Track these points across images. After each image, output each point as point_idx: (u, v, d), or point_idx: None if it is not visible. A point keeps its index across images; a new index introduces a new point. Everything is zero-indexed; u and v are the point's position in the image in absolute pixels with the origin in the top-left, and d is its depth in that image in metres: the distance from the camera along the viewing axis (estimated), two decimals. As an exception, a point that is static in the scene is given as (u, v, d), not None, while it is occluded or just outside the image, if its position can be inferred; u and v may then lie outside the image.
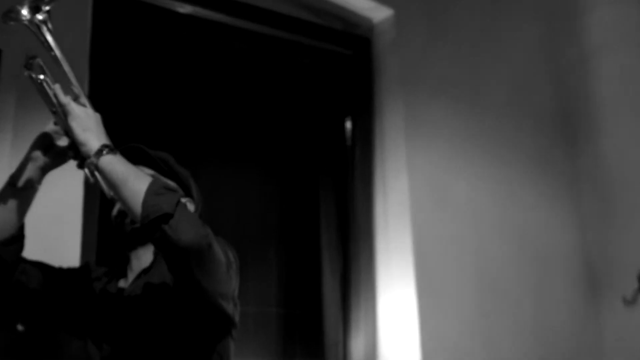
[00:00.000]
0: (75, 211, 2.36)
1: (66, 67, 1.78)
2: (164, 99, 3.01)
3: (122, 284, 1.97)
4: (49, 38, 1.74)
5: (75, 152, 1.77)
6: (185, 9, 2.99)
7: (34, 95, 2.22)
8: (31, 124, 2.24)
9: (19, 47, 2.33)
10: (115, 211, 1.97)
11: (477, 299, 3.19)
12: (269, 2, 3.17)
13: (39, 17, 1.71)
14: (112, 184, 1.69)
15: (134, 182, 1.67)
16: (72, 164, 1.85)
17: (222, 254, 1.74)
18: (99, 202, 2.45)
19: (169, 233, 1.59)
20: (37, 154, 1.83)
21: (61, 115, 1.76)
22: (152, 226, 1.60)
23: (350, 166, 3.31)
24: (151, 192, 1.64)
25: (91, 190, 2.39)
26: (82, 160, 1.75)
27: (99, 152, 1.70)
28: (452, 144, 3.36)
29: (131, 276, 1.96)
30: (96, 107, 1.84)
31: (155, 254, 1.94)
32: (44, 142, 1.84)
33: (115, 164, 1.70)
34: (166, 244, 1.61)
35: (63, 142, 1.82)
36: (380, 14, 3.40)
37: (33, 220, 1.91)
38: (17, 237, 1.86)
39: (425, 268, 3.09)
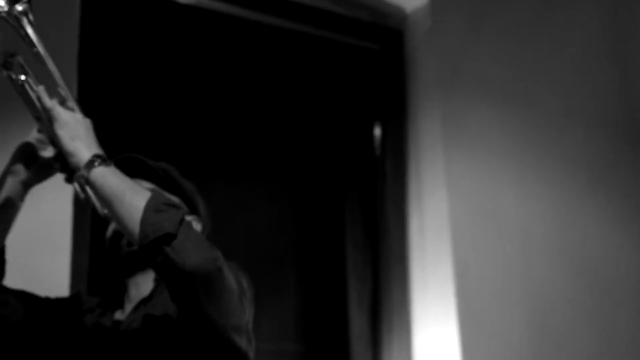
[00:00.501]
0: (63, 232, 2.38)
1: (51, 65, 1.78)
2: (164, 103, 3.03)
3: (118, 316, 1.96)
4: (30, 32, 1.74)
5: (63, 163, 1.77)
6: (187, -1, 3.03)
7: (14, 100, 2.26)
8: (10, 133, 2.27)
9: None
10: (109, 232, 1.98)
11: (528, 335, 3.17)
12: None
13: (19, 7, 1.71)
14: (105, 200, 1.69)
15: (131, 197, 1.66)
16: (59, 177, 1.87)
17: (234, 281, 1.74)
18: (91, 221, 2.47)
19: (172, 256, 1.59)
20: (19, 166, 1.82)
21: (46, 121, 1.77)
22: (152, 248, 1.60)
23: (381, 180, 3.32)
24: (151, 208, 1.64)
25: (81, 208, 2.41)
26: (71, 173, 1.75)
27: (90, 164, 1.70)
28: (497, 153, 3.35)
29: (129, 307, 1.95)
30: (86, 111, 1.84)
31: (156, 282, 1.94)
32: (26, 153, 1.84)
33: (108, 177, 1.70)
34: (168, 268, 1.60)
35: (48, 152, 1.82)
36: (413, 3, 3.41)
37: (14, 242, 1.91)
38: (-2, 263, 1.86)
39: (468, 299, 3.08)
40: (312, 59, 3.38)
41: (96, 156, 1.71)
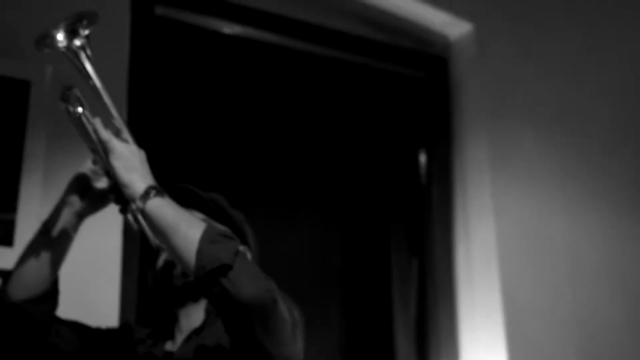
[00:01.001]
0: (113, 263, 2.40)
1: (106, 98, 1.81)
2: (210, 132, 3.05)
3: (169, 347, 1.97)
4: (88, 66, 1.77)
5: (118, 195, 1.78)
6: (232, 29, 3.04)
7: (67, 133, 2.30)
8: (64, 165, 2.31)
9: (50, 78, 2.41)
10: (161, 262, 1.98)
11: (578, 362, 3.15)
12: (328, 19, 3.21)
13: (77, 42, 1.75)
14: (160, 231, 1.70)
15: (187, 228, 1.67)
16: (109, 209, 1.88)
17: (287, 312, 1.75)
18: (139, 252, 2.49)
19: (228, 287, 1.59)
20: (73, 197, 1.84)
21: (101, 153, 1.78)
22: (209, 279, 1.60)
23: (426, 208, 3.31)
24: (206, 240, 1.64)
25: (130, 238, 2.43)
26: (125, 204, 1.76)
27: (146, 195, 1.71)
28: (545, 179, 3.34)
29: (180, 338, 1.95)
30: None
31: (207, 312, 1.95)
32: (81, 184, 1.85)
33: (164, 208, 1.71)
34: (224, 299, 1.60)
35: (103, 183, 1.84)
36: (457, 30, 3.41)
37: (66, 273, 1.92)
38: (51, 293, 1.87)
39: (516, 327, 3.05)
40: (358, 87, 3.39)
41: (151, 187, 1.73)
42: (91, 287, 2.32)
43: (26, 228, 2.21)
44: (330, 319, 3.18)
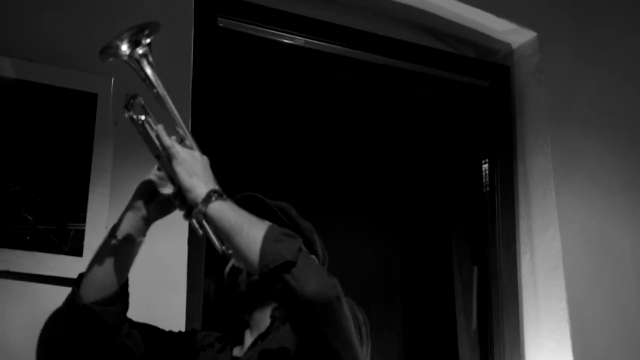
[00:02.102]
0: (179, 270, 2.43)
1: (170, 105, 1.85)
2: (271, 141, 3.09)
3: (236, 352, 2.00)
4: (150, 73, 1.82)
5: (182, 200, 1.81)
6: (293, 39, 3.07)
7: (132, 143, 2.36)
8: (130, 176, 2.35)
9: (116, 90, 2.47)
10: (227, 269, 2.03)
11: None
12: (389, 29, 3.22)
13: (139, 50, 1.79)
14: (224, 233, 1.74)
15: (249, 229, 1.70)
16: (173, 217, 1.93)
17: (351, 313, 1.76)
18: (204, 261, 2.53)
19: (292, 283, 1.61)
20: (140, 203, 1.90)
21: (165, 159, 1.82)
22: (273, 276, 1.63)
23: (489, 217, 3.29)
24: (269, 238, 1.67)
25: (196, 246, 2.47)
26: (190, 209, 1.80)
27: (208, 199, 1.74)
28: (610, 188, 3.30)
29: (247, 343, 1.99)
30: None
31: (273, 318, 1.98)
32: (147, 190, 1.91)
33: (226, 211, 1.74)
34: (289, 296, 1.63)
35: (168, 190, 1.89)
36: (520, 38, 3.40)
37: (133, 281, 1.98)
38: (120, 296, 1.92)
39: (583, 340, 3.02)
40: (419, 96, 3.40)
41: (213, 191, 1.76)
42: (159, 295, 2.36)
43: (95, 238, 2.25)
44: (392, 329, 3.19)
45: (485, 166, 3.37)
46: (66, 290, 1.98)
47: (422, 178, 3.37)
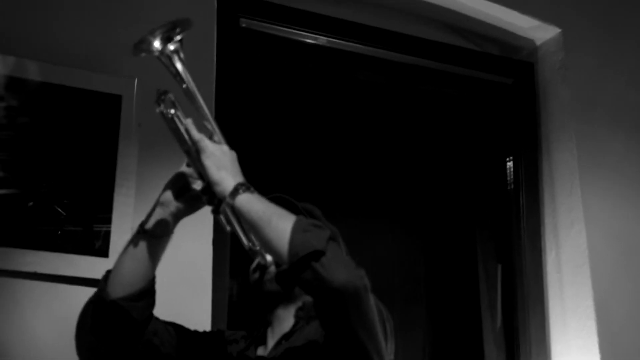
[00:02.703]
0: (204, 271, 2.45)
1: (200, 101, 1.86)
2: (293, 141, 3.10)
3: (260, 351, 2.01)
4: (181, 69, 1.83)
5: (210, 196, 1.83)
6: (315, 39, 3.08)
7: (157, 144, 2.39)
8: (155, 177, 2.35)
9: (139, 92, 2.49)
10: (253, 266, 2.04)
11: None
12: (411, 27, 3.22)
13: (171, 46, 1.80)
14: (252, 225, 1.75)
15: (278, 220, 1.72)
16: (197, 217, 1.95)
17: (376, 309, 1.78)
18: (229, 261, 2.55)
19: (321, 272, 1.62)
20: (169, 198, 1.90)
21: (194, 153, 1.84)
22: (302, 265, 1.63)
23: (514, 215, 3.28)
24: (298, 229, 1.68)
25: (221, 246, 2.49)
26: (218, 205, 1.81)
27: (235, 191, 1.76)
28: (636, 184, 3.29)
29: (271, 342, 1.99)
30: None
31: (297, 318, 1.98)
32: (177, 185, 1.92)
33: (253, 203, 1.75)
34: (318, 285, 1.63)
35: (197, 185, 1.90)
36: (544, 34, 3.39)
37: (158, 283, 1.97)
38: (148, 292, 1.92)
39: (610, 337, 3.01)
40: (443, 94, 3.40)
41: (240, 184, 1.78)
42: (184, 296, 2.37)
43: (120, 239, 2.27)
44: (416, 327, 3.19)
45: (510, 164, 3.36)
46: (93, 291, 1.99)
47: (446, 176, 3.37)
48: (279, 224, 1.71)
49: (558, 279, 3.16)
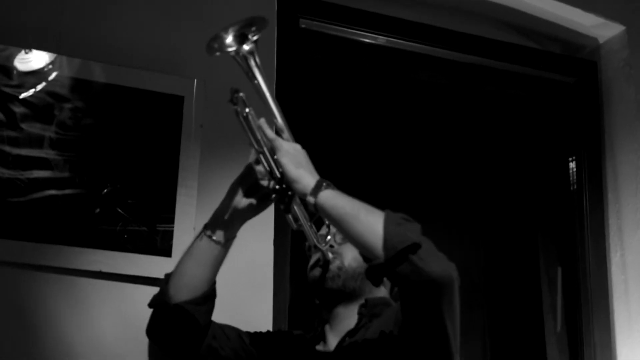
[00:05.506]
0: (266, 273, 2.48)
1: (271, 100, 1.89)
2: (350, 142, 3.13)
3: (320, 347, 2.03)
4: (256, 70, 1.86)
5: (281, 194, 1.87)
6: (374, 39, 3.09)
7: (218, 145, 2.43)
8: (217, 177, 2.41)
9: (199, 93, 2.54)
10: (311, 263, 2.07)
11: None
12: (469, 26, 3.22)
13: (246, 47, 1.83)
14: (339, 220, 1.77)
15: (366, 215, 1.75)
16: (259, 219, 2.00)
17: None
18: (290, 262, 2.58)
19: (419, 264, 1.64)
20: (237, 197, 1.94)
21: (267, 151, 1.87)
22: (400, 258, 1.66)
23: (577, 217, 3.26)
24: (391, 222, 1.71)
25: (282, 247, 2.53)
26: (288, 203, 1.85)
27: (317, 188, 1.79)
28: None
29: (332, 340, 2.01)
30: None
31: (360, 315, 2.00)
32: (248, 181, 1.94)
33: (338, 199, 1.79)
34: (416, 277, 1.65)
35: (265, 183, 1.93)
36: (607, 32, 3.37)
37: (220, 284, 2.03)
38: (210, 295, 1.96)
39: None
40: (506, 94, 3.40)
41: (321, 181, 1.81)
42: (246, 297, 2.40)
43: (183, 239, 2.31)
44: (478, 331, 3.20)
45: (573, 164, 3.34)
46: (156, 290, 2.05)
47: (509, 177, 3.36)
48: (368, 218, 1.74)
49: (623, 281, 3.14)
